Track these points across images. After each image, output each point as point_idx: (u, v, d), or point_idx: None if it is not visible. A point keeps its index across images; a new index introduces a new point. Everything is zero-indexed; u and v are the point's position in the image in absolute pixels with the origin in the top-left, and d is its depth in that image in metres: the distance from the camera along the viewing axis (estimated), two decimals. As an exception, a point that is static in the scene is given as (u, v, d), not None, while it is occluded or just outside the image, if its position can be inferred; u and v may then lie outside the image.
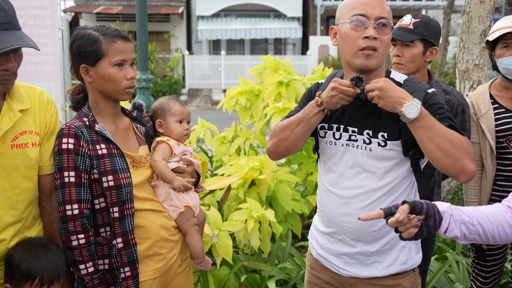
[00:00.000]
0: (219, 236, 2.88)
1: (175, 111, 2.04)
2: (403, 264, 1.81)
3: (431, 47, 2.34)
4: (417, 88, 1.72)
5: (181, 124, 2.05)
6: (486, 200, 2.61)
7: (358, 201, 1.78)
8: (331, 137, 1.84)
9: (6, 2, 1.58)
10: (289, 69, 4.36)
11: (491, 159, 2.57)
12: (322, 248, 1.93)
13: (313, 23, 22.01)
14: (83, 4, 20.89)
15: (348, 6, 1.73)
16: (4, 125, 1.66)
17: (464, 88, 3.88)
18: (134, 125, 2.00)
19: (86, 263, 1.76)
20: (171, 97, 2.11)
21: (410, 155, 1.73)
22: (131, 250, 1.83)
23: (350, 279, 1.86)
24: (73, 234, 1.74)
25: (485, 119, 2.55)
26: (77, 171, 1.75)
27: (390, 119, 1.73)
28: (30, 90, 1.79)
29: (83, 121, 1.82)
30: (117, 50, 1.79)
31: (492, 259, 2.69)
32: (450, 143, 1.57)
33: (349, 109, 1.81)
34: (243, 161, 3.59)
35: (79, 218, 1.74)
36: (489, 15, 3.72)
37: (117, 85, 1.81)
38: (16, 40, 1.55)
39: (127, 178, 1.82)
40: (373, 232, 1.79)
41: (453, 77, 18.26)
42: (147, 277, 1.88)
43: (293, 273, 3.25)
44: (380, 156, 1.74)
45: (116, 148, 1.83)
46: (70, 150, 1.76)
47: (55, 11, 3.51)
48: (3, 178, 1.68)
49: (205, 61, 19.98)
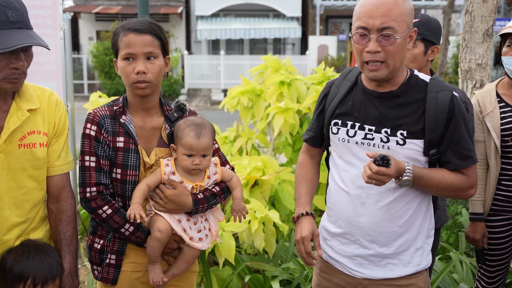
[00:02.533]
0: (222, 237, 2.87)
1: (184, 143, 1.81)
2: (417, 266, 1.82)
3: (432, 46, 2.34)
4: (444, 87, 1.74)
5: (190, 158, 1.81)
6: (490, 199, 2.61)
7: (374, 201, 1.77)
8: (345, 134, 1.83)
9: (18, 1, 1.58)
10: (290, 68, 4.35)
11: (495, 158, 2.56)
12: (333, 250, 1.91)
13: (312, 23, 22.00)
14: (82, 4, 20.86)
15: (355, 15, 1.71)
16: (12, 124, 1.65)
17: (466, 88, 3.87)
18: (165, 125, 1.92)
19: (123, 226, 1.82)
20: (193, 122, 1.85)
21: (430, 155, 1.74)
22: (123, 242, 1.88)
23: (363, 280, 1.84)
24: (98, 209, 1.80)
25: (490, 117, 2.54)
26: (97, 157, 1.80)
27: (411, 117, 1.72)
28: (40, 91, 1.79)
29: (111, 110, 1.85)
30: (125, 44, 1.78)
31: (496, 259, 2.68)
32: (447, 191, 1.77)
33: (366, 106, 1.79)
34: (245, 161, 3.58)
35: (98, 196, 1.79)
36: (492, 14, 3.71)
37: (127, 79, 1.80)
38: (27, 38, 1.54)
39: (135, 175, 1.82)
40: (389, 233, 1.78)
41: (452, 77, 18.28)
42: (126, 268, 1.89)
43: (296, 273, 3.24)
44: (398, 154, 1.72)
45: (134, 144, 1.83)
46: (91, 136, 1.81)
47: (56, 11, 3.49)
48: (9, 178, 1.67)
49: (204, 61, 19.96)
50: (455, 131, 1.71)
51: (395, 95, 1.75)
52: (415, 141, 1.72)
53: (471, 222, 2.65)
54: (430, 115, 1.69)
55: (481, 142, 2.60)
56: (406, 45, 1.70)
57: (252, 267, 3.21)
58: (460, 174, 1.75)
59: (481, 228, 2.62)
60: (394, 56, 1.67)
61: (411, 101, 1.73)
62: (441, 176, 1.72)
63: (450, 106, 1.69)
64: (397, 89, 1.75)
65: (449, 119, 1.70)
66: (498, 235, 2.64)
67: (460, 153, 1.72)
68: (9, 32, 1.52)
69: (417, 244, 1.81)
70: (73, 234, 1.83)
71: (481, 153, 2.60)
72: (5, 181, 1.67)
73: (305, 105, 3.97)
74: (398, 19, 1.64)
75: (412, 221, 1.79)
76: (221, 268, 3.04)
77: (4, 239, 1.70)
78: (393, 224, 1.77)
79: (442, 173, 1.74)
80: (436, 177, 1.72)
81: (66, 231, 1.82)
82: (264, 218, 3.09)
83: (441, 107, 1.69)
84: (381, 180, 1.61)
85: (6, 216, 1.68)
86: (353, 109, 1.82)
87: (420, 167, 1.72)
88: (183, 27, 21.59)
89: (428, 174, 1.71)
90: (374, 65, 1.68)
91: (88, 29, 21.27)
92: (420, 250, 1.82)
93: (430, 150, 1.73)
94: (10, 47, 1.50)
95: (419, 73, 1.82)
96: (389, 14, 1.63)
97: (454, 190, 1.76)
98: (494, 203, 2.62)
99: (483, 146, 2.60)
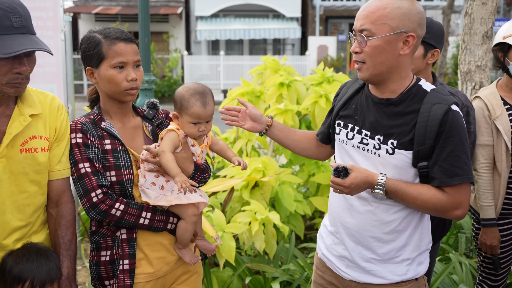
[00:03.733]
0: (223, 238, 2.88)
1: (192, 112, 1.85)
2: (403, 275, 1.80)
3: (433, 50, 2.32)
4: (442, 100, 1.67)
5: (196, 125, 1.87)
6: (500, 203, 2.58)
7: (362, 204, 1.79)
8: (344, 136, 1.85)
9: (22, 6, 1.59)
10: (289, 69, 4.36)
11: (506, 160, 2.53)
12: (326, 248, 1.95)
13: (312, 23, 22.01)
14: (82, 4, 20.86)
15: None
16: (14, 129, 1.66)
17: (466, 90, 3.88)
18: (144, 124, 1.99)
19: (141, 215, 1.82)
20: (196, 90, 1.88)
21: (419, 167, 1.70)
22: (133, 244, 1.85)
23: (351, 282, 1.87)
24: (111, 209, 1.78)
25: (500, 120, 2.53)
26: (90, 162, 1.79)
27: (403, 127, 1.70)
28: (42, 96, 1.79)
29: (90, 118, 1.86)
30: (116, 52, 1.80)
31: (502, 257, 2.67)
32: (424, 209, 1.70)
33: (365, 111, 1.80)
34: (245, 162, 3.59)
35: (106, 198, 1.78)
36: (491, 16, 3.72)
37: (117, 87, 1.82)
38: (30, 44, 1.55)
39: (129, 174, 1.83)
40: (373, 238, 1.79)
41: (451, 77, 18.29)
42: (139, 280, 1.87)
43: (296, 275, 3.25)
44: (387, 163, 1.72)
45: (121, 145, 1.85)
46: (79, 143, 1.80)
47: (57, 13, 3.50)
48: (10, 182, 1.68)
49: (204, 61, 19.97)
50: (445, 146, 1.64)
51: (392, 103, 1.73)
52: (404, 152, 1.68)
53: (484, 229, 2.59)
54: (420, 126, 1.65)
55: (490, 146, 2.56)
56: (392, 49, 1.66)
57: (253, 268, 3.22)
58: (442, 192, 1.67)
59: (495, 233, 2.57)
60: (373, 58, 1.68)
61: (407, 111, 1.70)
62: (418, 192, 1.67)
63: (443, 120, 1.63)
64: (396, 97, 1.73)
65: (440, 133, 1.63)
66: (504, 238, 2.63)
67: (447, 170, 1.64)
68: (13, 37, 1.53)
69: (404, 255, 1.78)
70: (72, 238, 1.83)
71: (490, 157, 2.57)
72: (7, 185, 1.67)
73: (304, 106, 3.98)
74: (377, 22, 1.65)
75: (400, 231, 1.77)
76: (222, 269, 3.05)
77: (5, 243, 1.71)
78: (378, 231, 1.77)
79: (420, 189, 1.68)
80: (412, 193, 1.67)
81: (65, 235, 1.81)
82: (264, 219, 3.10)
83: (433, 120, 1.63)
84: (339, 190, 1.70)
85: (7, 220, 1.69)
86: (355, 112, 1.84)
87: (397, 181, 1.69)
88: (182, 27, 21.59)
89: (404, 189, 1.67)
90: (357, 65, 1.74)
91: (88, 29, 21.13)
92: (408, 261, 1.79)
93: (419, 163, 1.68)
94: (14, 52, 1.50)
95: (425, 82, 1.77)
96: (369, 17, 1.66)
97: (432, 209, 1.68)
98: (503, 207, 2.59)
99: (492, 150, 2.56)
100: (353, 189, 1.69)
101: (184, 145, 1.90)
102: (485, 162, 2.58)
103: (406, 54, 1.68)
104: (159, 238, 1.91)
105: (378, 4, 1.66)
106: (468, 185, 1.68)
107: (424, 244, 1.84)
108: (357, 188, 1.69)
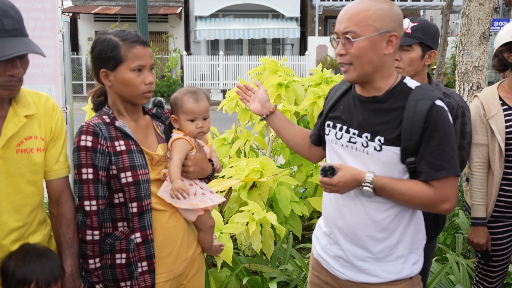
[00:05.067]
0: (220, 239, 2.88)
1: (186, 109, 1.94)
2: (398, 273, 1.81)
3: (430, 51, 2.34)
4: (426, 96, 1.71)
5: (193, 122, 1.95)
6: (492, 203, 2.59)
7: (354, 204, 1.81)
8: (333, 136, 1.89)
9: (14, 9, 1.59)
10: (287, 70, 4.37)
11: (499, 161, 2.55)
12: (322, 249, 1.97)
13: (311, 23, 22.02)
14: (81, 4, 20.87)
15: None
16: (9, 130, 1.67)
17: (463, 90, 3.89)
18: (154, 122, 2.02)
19: (95, 258, 1.82)
20: (188, 90, 1.99)
21: (407, 163, 1.72)
22: (149, 245, 1.86)
23: (346, 282, 1.89)
24: (90, 229, 1.79)
25: (495, 120, 2.54)
26: (94, 168, 1.78)
27: (390, 124, 1.73)
28: (36, 96, 1.80)
29: (102, 119, 1.85)
30: (135, 55, 1.81)
31: (497, 264, 2.68)
32: (412, 204, 1.73)
33: (353, 111, 1.84)
34: (243, 163, 3.59)
35: (96, 215, 1.79)
36: (488, 17, 3.74)
37: (136, 90, 1.83)
38: (23, 46, 1.55)
39: (145, 174, 1.84)
40: (367, 237, 1.81)
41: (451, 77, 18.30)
42: (159, 279, 1.89)
43: (294, 275, 3.26)
44: (376, 160, 1.75)
45: (135, 145, 1.85)
46: (88, 147, 1.78)
47: (55, 14, 3.50)
48: (7, 183, 1.69)
49: (204, 61, 19.97)
50: (430, 140, 1.67)
51: (378, 100, 1.77)
52: (392, 148, 1.71)
53: (473, 227, 2.62)
54: (406, 123, 1.68)
55: (484, 146, 2.58)
56: (377, 49, 1.71)
57: (250, 269, 3.23)
58: (429, 186, 1.70)
59: (484, 232, 2.59)
60: (360, 59, 1.71)
61: (393, 108, 1.73)
62: (405, 187, 1.70)
63: (427, 115, 1.66)
64: (382, 95, 1.76)
65: (425, 128, 1.67)
66: (500, 241, 2.63)
67: (433, 164, 1.67)
68: (5, 40, 1.53)
69: (398, 252, 1.80)
70: (73, 236, 1.84)
71: (484, 156, 2.59)
72: (4, 186, 1.68)
73: (303, 107, 3.98)
74: (361, 23, 1.69)
75: (393, 229, 1.79)
76: (219, 269, 3.06)
77: (3, 243, 1.71)
78: (372, 229, 1.79)
79: (407, 184, 1.71)
80: (400, 189, 1.70)
81: (66, 233, 1.83)
82: (262, 220, 3.10)
83: (418, 115, 1.67)
84: (328, 188, 1.74)
85: (4, 221, 1.70)
86: (343, 113, 1.88)
87: (385, 177, 1.72)
88: (182, 27, 21.59)
89: (391, 185, 1.70)
90: (343, 67, 1.77)
91: (87, 29, 21.26)
92: (402, 258, 1.81)
93: (407, 158, 1.71)
94: (6, 56, 1.51)
95: (410, 80, 1.81)
96: (353, 19, 1.70)
97: (420, 203, 1.71)
98: (496, 209, 2.60)
99: (486, 150, 2.58)
100: (342, 187, 1.72)
101: (198, 147, 1.97)
102: (478, 161, 2.60)
103: (390, 53, 1.73)
104: (175, 236, 1.93)
105: (360, 6, 1.70)
106: (454, 178, 1.71)
107: (418, 241, 1.86)
108: (345, 186, 1.72)
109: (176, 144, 1.92)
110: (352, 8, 1.72)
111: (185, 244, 1.97)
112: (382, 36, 1.70)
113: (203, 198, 1.94)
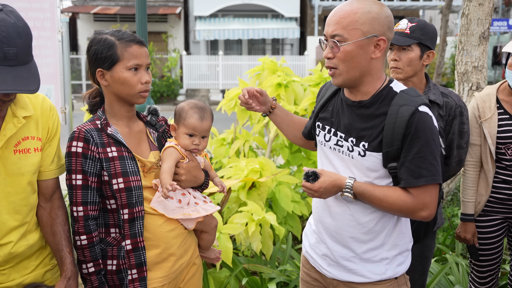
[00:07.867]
0: (220, 239, 2.88)
1: (188, 123, 1.92)
2: (382, 274, 1.82)
3: (428, 51, 2.35)
4: (409, 102, 1.68)
5: (190, 137, 1.94)
6: (484, 201, 2.65)
7: (339, 205, 1.82)
8: (322, 137, 1.89)
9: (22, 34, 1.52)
10: (286, 70, 4.36)
11: (491, 162, 2.60)
12: (310, 247, 1.99)
13: (311, 23, 22.04)
14: (81, 4, 20.87)
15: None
16: (8, 131, 1.67)
17: (463, 90, 3.89)
18: (148, 129, 2.01)
19: (87, 263, 1.80)
20: (196, 105, 1.97)
21: (389, 168, 1.71)
22: (139, 253, 1.84)
23: (333, 280, 1.91)
24: (77, 234, 1.79)
25: (488, 123, 2.55)
26: (84, 174, 1.78)
27: (373, 129, 1.72)
28: (33, 97, 1.80)
29: (95, 124, 1.84)
30: (132, 54, 1.80)
31: (486, 259, 2.72)
32: (390, 210, 1.72)
33: (340, 114, 1.83)
34: (242, 163, 3.59)
35: (82, 220, 1.78)
36: (488, 17, 3.73)
37: (132, 89, 1.82)
38: (13, 82, 1.49)
39: (137, 181, 1.83)
40: (351, 238, 1.82)
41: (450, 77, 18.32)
42: (155, 285, 1.88)
43: (293, 275, 3.26)
44: (360, 165, 1.75)
45: (127, 151, 1.84)
46: (78, 153, 1.77)
47: (54, 14, 3.51)
48: (7, 183, 1.69)
49: (203, 61, 19.98)
50: (411, 147, 1.64)
51: (363, 105, 1.75)
52: (375, 154, 1.70)
53: (462, 223, 2.71)
54: (388, 128, 1.66)
55: (477, 146, 2.62)
56: (365, 54, 1.68)
57: (249, 269, 3.22)
58: (407, 194, 1.68)
59: (471, 228, 2.68)
60: (346, 63, 1.69)
61: (377, 113, 1.72)
62: (384, 194, 1.69)
63: (409, 121, 1.63)
64: (367, 99, 1.75)
65: (406, 135, 1.64)
66: (488, 235, 2.68)
67: (413, 171, 1.65)
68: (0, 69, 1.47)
69: (382, 254, 1.81)
70: (69, 229, 1.86)
71: (477, 156, 2.64)
72: (3, 186, 1.68)
73: (302, 106, 3.98)
74: (349, 27, 1.66)
75: (377, 231, 1.79)
76: (218, 270, 3.05)
77: (2, 243, 1.72)
78: (356, 231, 1.80)
79: (386, 191, 1.69)
80: (378, 195, 1.69)
81: (65, 224, 1.86)
82: (261, 220, 3.10)
83: (400, 121, 1.65)
84: (310, 194, 1.77)
85: (4, 221, 1.70)
86: (332, 115, 1.87)
87: (364, 183, 1.72)
88: (181, 27, 21.60)
89: (370, 192, 1.70)
90: (330, 71, 1.76)
91: (87, 29, 21.27)
92: (386, 260, 1.82)
93: (389, 163, 1.70)
94: None
95: (397, 83, 1.78)
96: (340, 22, 1.67)
97: (398, 210, 1.69)
98: (486, 204, 2.67)
99: (479, 150, 2.62)
100: (322, 193, 1.75)
101: (190, 156, 1.96)
102: (471, 160, 2.66)
103: (378, 57, 1.70)
104: (172, 240, 1.91)
105: (348, 9, 1.67)
106: (434, 186, 1.68)
107: (404, 244, 1.86)
108: (326, 192, 1.75)
109: (166, 152, 1.92)
110: (340, 11, 1.69)
111: (182, 248, 1.95)
112: (370, 40, 1.67)
113: (196, 208, 1.92)
